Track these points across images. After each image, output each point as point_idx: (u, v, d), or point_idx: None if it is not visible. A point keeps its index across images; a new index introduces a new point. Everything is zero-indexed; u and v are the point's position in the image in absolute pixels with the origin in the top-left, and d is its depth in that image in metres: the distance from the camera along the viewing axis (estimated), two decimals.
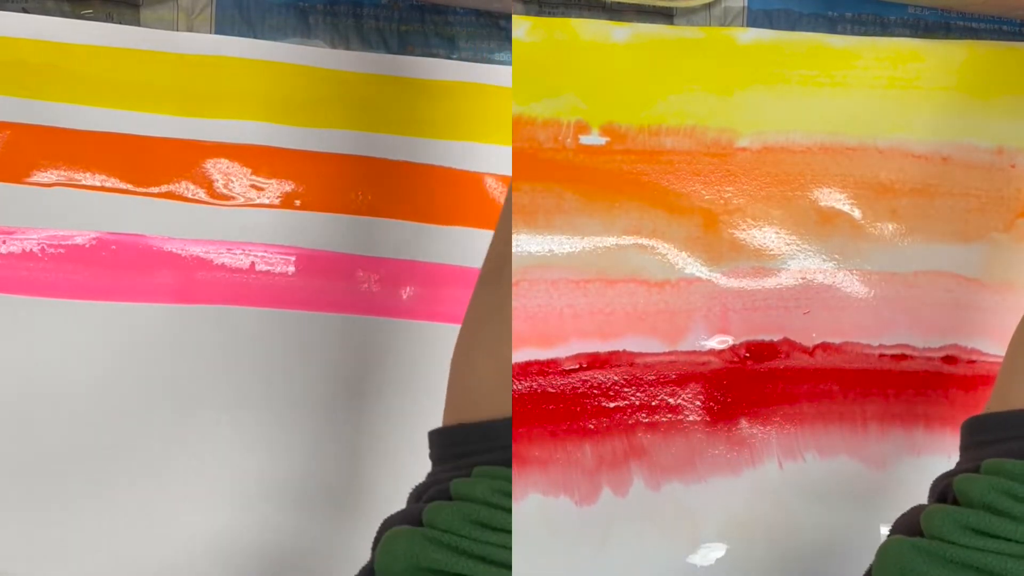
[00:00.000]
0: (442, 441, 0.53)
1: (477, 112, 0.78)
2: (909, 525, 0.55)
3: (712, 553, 0.79)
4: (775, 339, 0.80)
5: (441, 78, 0.77)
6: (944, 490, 0.56)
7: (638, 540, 0.78)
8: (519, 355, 0.77)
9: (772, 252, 0.81)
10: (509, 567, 0.48)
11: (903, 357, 0.82)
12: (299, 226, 0.76)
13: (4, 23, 0.71)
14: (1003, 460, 0.54)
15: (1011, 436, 0.57)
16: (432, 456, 0.54)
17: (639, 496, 0.78)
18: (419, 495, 0.52)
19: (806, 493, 0.80)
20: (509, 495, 0.49)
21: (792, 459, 0.80)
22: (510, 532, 0.48)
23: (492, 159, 0.78)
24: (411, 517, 0.50)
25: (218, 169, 0.75)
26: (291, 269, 0.75)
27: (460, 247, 0.77)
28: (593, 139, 0.78)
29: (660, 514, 0.78)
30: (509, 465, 0.50)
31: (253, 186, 0.75)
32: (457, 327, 0.59)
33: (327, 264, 0.76)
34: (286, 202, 0.76)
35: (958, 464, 0.60)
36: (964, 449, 0.61)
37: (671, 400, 0.79)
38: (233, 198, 0.75)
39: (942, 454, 0.82)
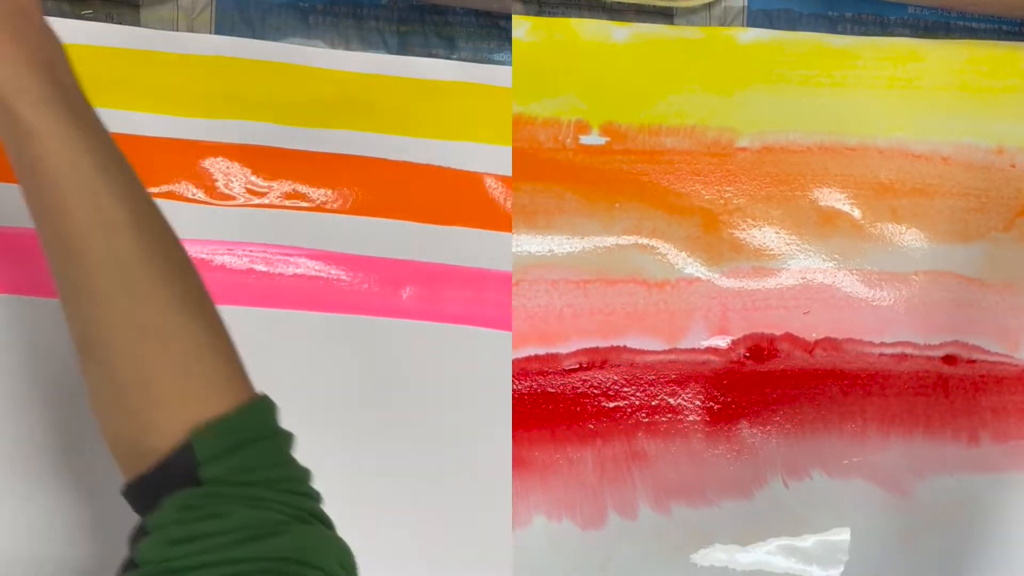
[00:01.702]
0: (131, 500, 0.53)
1: (477, 112, 0.78)
2: None
3: None
4: (775, 339, 0.80)
5: (441, 78, 0.77)
6: None
7: (641, 563, 0.78)
8: (519, 353, 0.77)
9: (772, 252, 0.81)
10: (228, 562, 0.48)
11: (903, 357, 0.82)
12: (299, 226, 0.76)
13: None
14: None
15: None
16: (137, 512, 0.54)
17: (645, 517, 0.78)
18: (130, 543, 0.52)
19: (813, 511, 0.80)
20: (194, 506, 0.50)
21: (797, 477, 0.80)
22: (212, 535, 0.49)
23: (492, 159, 0.78)
24: (127, 565, 0.51)
25: (218, 169, 0.75)
26: (291, 269, 0.75)
27: (460, 247, 0.77)
28: (593, 139, 0.78)
29: (663, 537, 0.78)
30: (196, 483, 0.50)
31: (253, 186, 0.75)
32: (457, 327, 0.59)
33: (327, 264, 0.76)
34: (286, 202, 0.75)
35: None
36: None
37: (671, 400, 0.79)
38: (233, 198, 0.75)
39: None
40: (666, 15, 0.79)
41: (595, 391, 0.78)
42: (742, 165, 0.80)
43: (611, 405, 0.78)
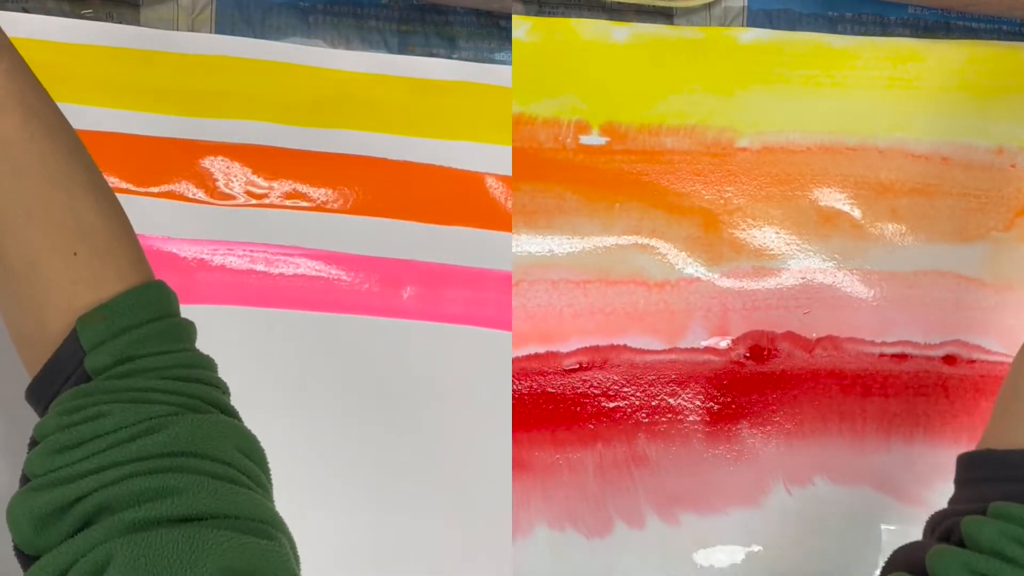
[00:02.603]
0: (32, 404, 0.52)
1: (477, 112, 0.78)
2: (910, 562, 0.54)
3: None
4: (775, 338, 0.80)
5: (441, 78, 0.77)
6: (949, 528, 0.55)
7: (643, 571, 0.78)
8: (520, 352, 0.77)
9: (772, 252, 0.81)
10: (112, 465, 0.47)
11: (903, 357, 0.82)
12: (299, 226, 0.76)
13: (4, 23, 0.71)
14: (1010, 504, 0.53)
15: (1014, 477, 0.56)
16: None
17: (651, 526, 0.78)
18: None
19: (817, 519, 0.80)
20: (75, 409, 0.49)
21: (800, 484, 0.80)
22: (92, 439, 0.48)
23: (492, 159, 0.78)
24: (22, 479, 0.49)
25: (218, 169, 0.75)
26: (291, 269, 0.75)
27: (460, 247, 0.77)
28: (593, 139, 0.78)
29: (668, 544, 0.78)
30: (82, 379, 0.49)
31: (253, 186, 0.75)
32: (457, 327, 0.59)
33: (327, 264, 0.76)
34: (286, 202, 0.75)
35: (955, 499, 0.59)
36: (961, 484, 0.60)
37: (671, 400, 0.79)
38: (233, 198, 0.75)
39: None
40: (666, 15, 0.79)
41: (595, 391, 0.78)
42: (742, 165, 0.80)
43: (611, 405, 0.78)
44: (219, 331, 0.74)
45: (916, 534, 0.60)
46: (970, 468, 0.59)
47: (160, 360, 0.51)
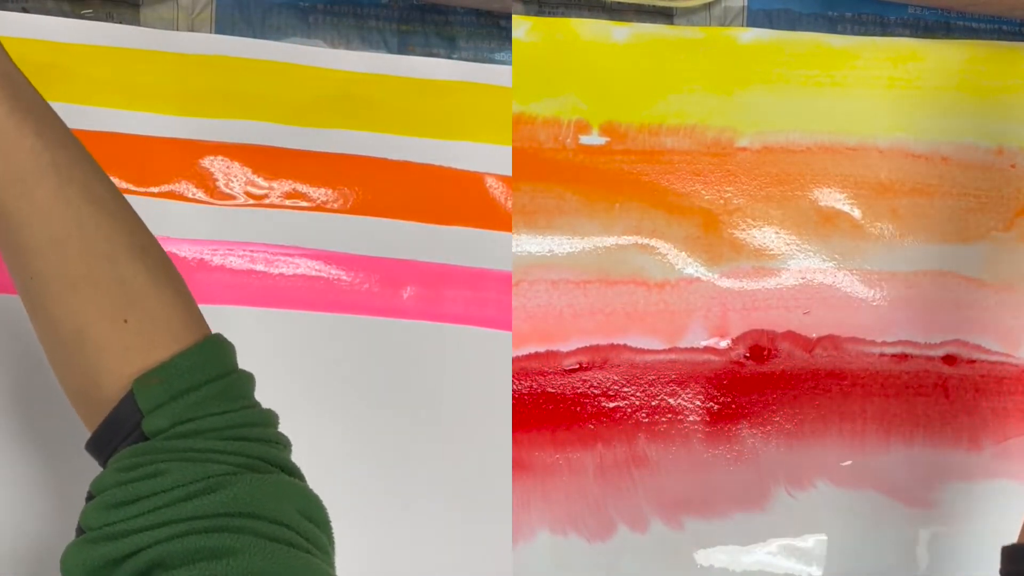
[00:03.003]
0: (93, 456, 0.52)
1: (477, 112, 0.78)
2: None
3: None
4: (776, 337, 0.80)
5: (441, 78, 0.77)
6: None
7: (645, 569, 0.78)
8: (519, 352, 0.77)
9: (772, 252, 0.81)
10: (167, 523, 0.47)
11: (903, 357, 0.82)
12: (299, 226, 0.75)
13: (4, 23, 0.71)
14: None
15: None
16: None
17: (655, 530, 0.78)
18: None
19: (817, 521, 0.80)
20: (133, 466, 0.48)
21: (801, 487, 0.80)
22: (150, 496, 0.47)
23: (492, 159, 0.78)
24: (77, 530, 0.49)
25: (218, 169, 0.75)
26: (291, 269, 0.75)
27: (460, 247, 0.77)
28: (593, 139, 0.78)
29: (669, 546, 0.78)
30: (140, 438, 0.48)
31: (253, 186, 0.75)
32: (457, 327, 0.59)
33: (327, 264, 0.76)
34: (286, 202, 0.75)
35: None
36: None
37: (671, 400, 0.79)
38: (233, 198, 0.75)
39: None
40: (666, 15, 0.79)
41: (595, 391, 0.78)
42: (742, 165, 0.80)
43: (611, 405, 0.78)
44: (219, 331, 0.74)
45: (916, 535, 0.60)
46: (1013, 560, 0.60)
47: (219, 420, 0.50)
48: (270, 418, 0.53)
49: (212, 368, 0.51)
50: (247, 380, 0.53)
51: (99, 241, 0.50)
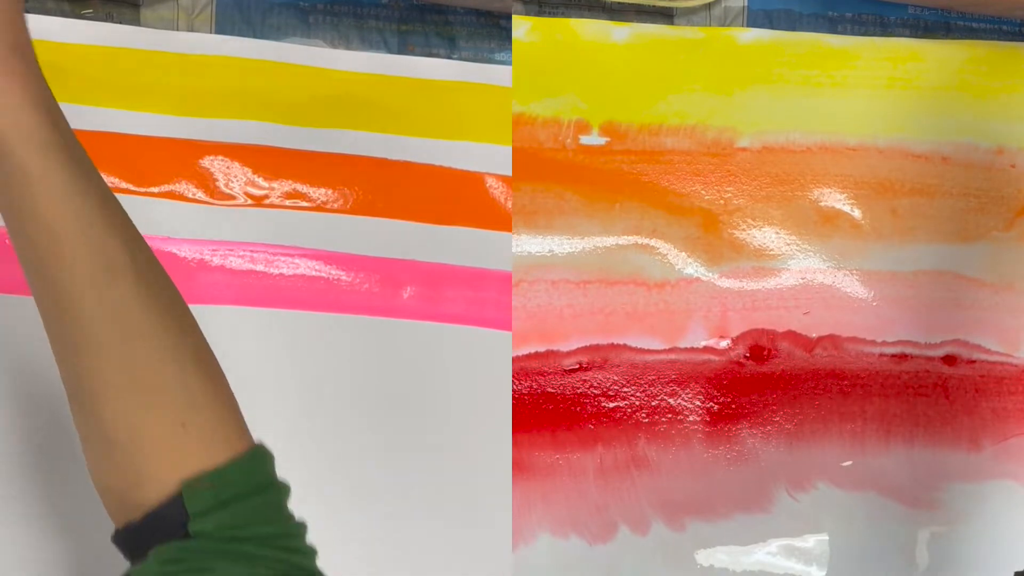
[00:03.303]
0: (120, 547, 0.52)
1: (477, 112, 0.78)
2: None
3: None
4: (776, 337, 0.80)
5: (441, 78, 0.77)
6: None
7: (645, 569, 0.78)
8: (519, 351, 0.77)
9: (772, 252, 0.81)
10: None
11: (903, 357, 0.82)
12: (299, 226, 0.75)
13: None
14: None
15: None
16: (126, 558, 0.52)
17: (656, 531, 0.78)
18: None
19: (818, 522, 0.80)
20: (178, 559, 0.48)
21: (802, 488, 0.80)
22: None
23: (492, 159, 0.78)
24: None
25: (218, 169, 0.75)
26: (291, 269, 0.75)
27: (460, 247, 0.77)
28: (593, 139, 0.78)
29: (669, 547, 0.78)
30: (185, 535, 0.49)
31: (253, 186, 0.75)
32: (457, 327, 0.59)
33: (327, 264, 0.76)
34: (286, 202, 0.75)
35: None
36: None
37: (671, 401, 0.79)
38: (233, 198, 0.75)
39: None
40: (666, 15, 0.79)
41: (595, 391, 0.78)
42: (742, 165, 0.80)
43: (611, 405, 0.78)
44: (219, 331, 0.74)
45: (915, 535, 0.60)
46: None
47: (263, 530, 0.51)
48: (304, 530, 0.54)
49: (259, 477, 0.52)
50: (286, 492, 0.54)
51: (170, 346, 0.50)
